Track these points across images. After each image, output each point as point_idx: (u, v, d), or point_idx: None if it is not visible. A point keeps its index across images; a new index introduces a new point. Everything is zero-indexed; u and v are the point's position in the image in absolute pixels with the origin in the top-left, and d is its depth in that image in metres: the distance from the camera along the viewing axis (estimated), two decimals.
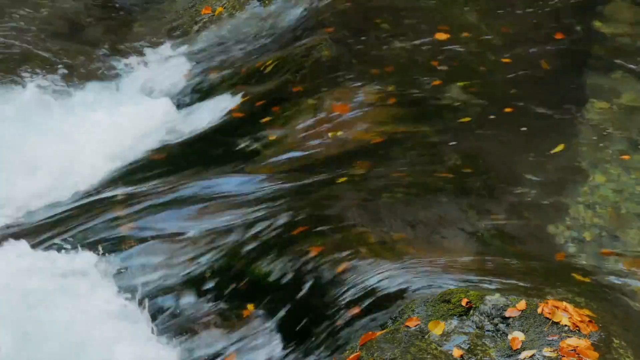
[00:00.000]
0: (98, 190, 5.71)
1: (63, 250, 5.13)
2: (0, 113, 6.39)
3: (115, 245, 5.14)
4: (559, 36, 6.55)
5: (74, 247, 5.13)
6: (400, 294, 4.32)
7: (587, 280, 4.46)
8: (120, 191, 5.60)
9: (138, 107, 6.54)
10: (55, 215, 5.49)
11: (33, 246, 5.17)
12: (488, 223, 4.91)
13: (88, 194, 5.70)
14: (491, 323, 4.02)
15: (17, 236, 5.29)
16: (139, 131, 6.23)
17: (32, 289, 4.80)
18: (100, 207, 5.45)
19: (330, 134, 5.72)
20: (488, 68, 6.24)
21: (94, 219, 5.34)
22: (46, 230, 5.34)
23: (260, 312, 4.63)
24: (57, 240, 5.23)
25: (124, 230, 5.22)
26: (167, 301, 4.83)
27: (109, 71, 7.11)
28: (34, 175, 5.84)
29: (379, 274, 4.48)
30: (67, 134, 6.19)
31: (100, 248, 5.12)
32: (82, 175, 5.86)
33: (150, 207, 5.35)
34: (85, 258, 5.06)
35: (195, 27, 7.36)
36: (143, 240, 5.15)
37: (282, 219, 5.01)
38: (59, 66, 7.08)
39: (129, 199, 5.47)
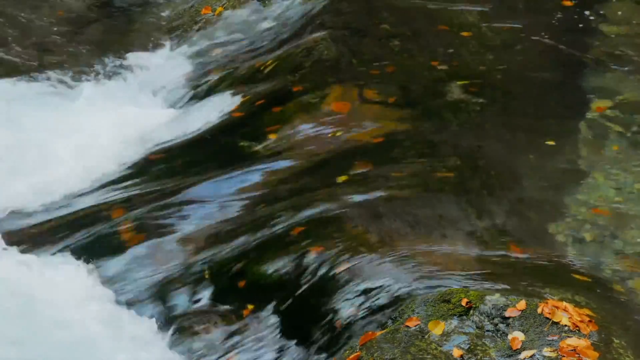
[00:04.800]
0: (97, 190, 5.71)
1: (61, 253, 5.13)
2: None
3: (114, 247, 5.14)
4: (558, 35, 6.55)
5: (73, 249, 5.14)
6: (400, 294, 4.32)
7: (587, 280, 4.46)
8: (119, 191, 5.60)
9: (138, 107, 6.54)
10: (53, 217, 5.48)
11: (30, 250, 5.18)
12: (488, 223, 4.90)
13: (87, 194, 5.69)
14: (491, 323, 4.02)
15: (13, 239, 5.30)
16: (138, 131, 6.23)
17: (32, 292, 4.80)
18: (99, 207, 5.45)
19: (330, 134, 5.72)
20: (488, 68, 6.24)
21: (92, 220, 5.34)
22: (43, 233, 5.34)
23: (260, 312, 4.63)
24: (55, 243, 5.23)
25: (122, 231, 5.22)
26: (167, 302, 4.83)
27: (109, 71, 7.11)
28: (31, 176, 5.83)
29: (378, 274, 4.48)
30: (65, 135, 6.19)
31: (99, 249, 5.12)
32: (81, 175, 5.86)
33: (150, 208, 5.35)
34: (84, 260, 5.06)
35: (195, 27, 7.36)
36: (142, 241, 5.15)
37: (282, 219, 5.01)
38: (59, 66, 7.08)
39: (128, 200, 5.47)
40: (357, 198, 5.09)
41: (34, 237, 5.34)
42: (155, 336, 4.72)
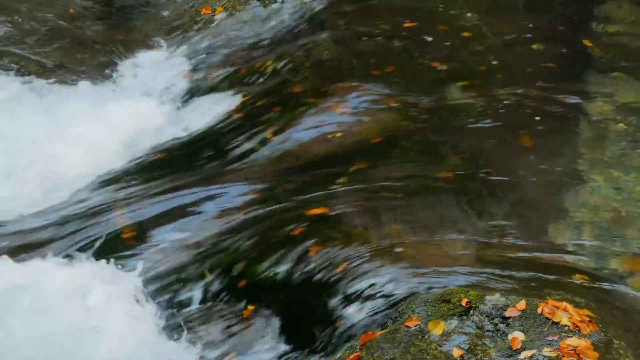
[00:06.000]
0: (97, 191, 5.71)
1: (62, 253, 5.13)
2: None
3: (114, 247, 5.14)
4: (558, 36, 6.55)
5: (73, 250, 5.14)
6: (400, 294, 4.32)
7: (587, 280, 4.46)
8: (119, 191, 5.61)
9: (138, 107, 6.54)
10: (53, 218, 5.48)
11: (30, 249, 5.18)
12: (488, 223, 4.91)
13: (86, 195, 5.70)
14: (491, 323, 4.02)
15: (15, 240, 5.30)
16: (138, 131, 6.24)
17: (32, 293, 4.80)
18: (99, 208, 5.45)
19: (330, 134, 5.72)
20: (488, 68, 6.24)
21: (93, 221, 5.34)
22: (43, 234, 5.34)
23: (260, 312, 4.63)
24: (55, 244, 5.23)
25: (123, 231, 5.22)
26: (168, 302, 4.84)
27: (109, 71, 7.11)
28: (30, 176, 5.83)
29: (378, 274, 4.48)
30: (65, 134, 6.19)
31: (99, 249, 5.13)
32: (81, 175, 5.86)
33: (150, 207, 5.35)
34: (84, 260, 5.07)
35: (195, 27, 7.36)
36: (142, 241, 5.15)
37: (283, 219, 5.02)
38: (59, 66, 7.08)
39: (128, 199, 5.47)
40: (357, 198, 5.09)
41: (34, 235, 5.35)
42: (155, 335, 4.72)
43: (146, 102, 6.65)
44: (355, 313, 4.36)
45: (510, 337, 3.94)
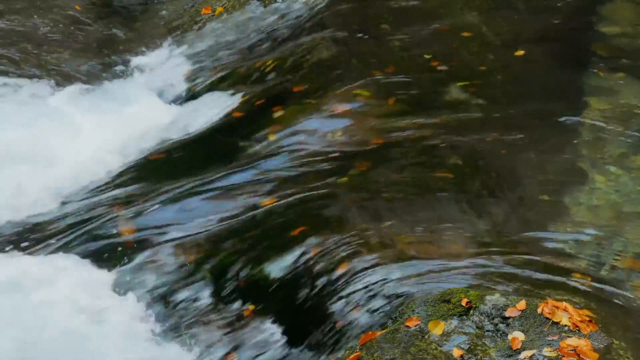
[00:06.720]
0: (96, 190, 5.71)
1: (60, 253, 5.13)
2: None
3: (114, 247, 5.14)
4: (559, 36, 6.55)
5: (73, 249, 5.14)
6: (400, 294, 4.32)
7: (587, 280, 4.46)
8: (119, 192, 5.61)
9: (138, 107, 6.54)
10: (53, 216, 5.48)
11: (29, 249, 5.18)
12: (488, 223, 4.91)
13: (86, 194, 5.69)
14: (491, 323, 4.02)
15: (14, 238, 5.30)
16: (138, 131, 6.23)
17: (31, 293, 4.80)
18: (99, 208, 5.45)
19: (330, 134, 5.72)
20: (488, 68, 6.23)
21: (92, 220, 5.34)
22: (44, 232, 5.34)
23: (261, 312, 4.63)
24: (55, 243, 5.23)
25: (122, 231, 5.22)
26: (167, 302, 4.84)
27: (109, 71, 7.11)
28: (32, 176, 5.82)
29: (378, 274, 4.48)
30: (66, 135, 6.19)
31: (99, 249, 5.12)
32: (81, 175, 5.86)
33: (150, 207, 5.35)
34: (84, 259, 5.06)
35: (195, 27, 7.37)
36: (142, 241, 5.15)
37: (282, 219, 5.02)
38: (59, 67, 7.08)
39: (127, 200, 5.47)
40: (357, 198, 5.09)
41: (34, 235, 5.34)
42: (155, 336, 4.72)
43: (146, 102, 6.65)
44: (355, 313, 4.36)
45: (510, 337, 3.94)
